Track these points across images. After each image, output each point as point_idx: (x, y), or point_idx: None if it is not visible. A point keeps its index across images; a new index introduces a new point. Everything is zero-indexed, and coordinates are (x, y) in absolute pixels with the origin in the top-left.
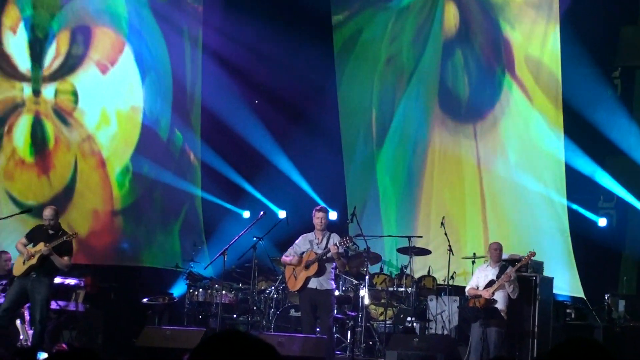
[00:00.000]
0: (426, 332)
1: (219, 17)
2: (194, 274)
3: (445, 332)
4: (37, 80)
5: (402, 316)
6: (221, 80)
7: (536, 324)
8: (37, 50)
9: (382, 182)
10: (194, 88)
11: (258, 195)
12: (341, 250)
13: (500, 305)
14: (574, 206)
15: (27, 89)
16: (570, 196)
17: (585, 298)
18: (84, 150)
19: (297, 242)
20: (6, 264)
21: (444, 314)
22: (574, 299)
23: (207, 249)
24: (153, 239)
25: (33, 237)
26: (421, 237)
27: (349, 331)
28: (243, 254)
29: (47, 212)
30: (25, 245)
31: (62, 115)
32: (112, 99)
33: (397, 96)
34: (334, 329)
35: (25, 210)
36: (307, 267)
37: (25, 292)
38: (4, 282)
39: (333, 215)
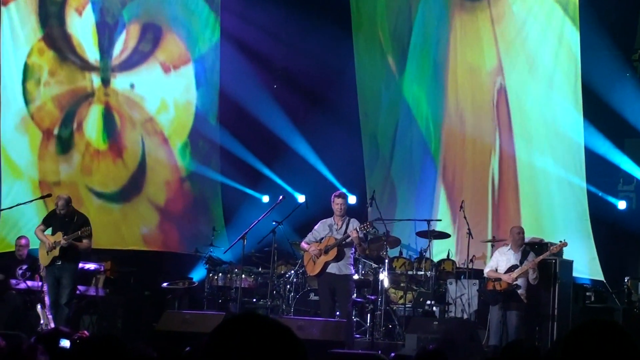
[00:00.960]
0: (445, 316)
1: (237, 1)
2: (214, 258)
3: (465, 316)
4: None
5: (421, 300)
6: (240, 65)
7: (556, 307)
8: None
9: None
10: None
11: (277, 180)
12: (361, 235)
13: (520, 288)
14: (593, 189)
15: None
16: (590, 179)
17: (604, 281)
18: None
19: (316, 227)
20: (21, 249)
21: (463, 297)
22: (594, 281)
23: (226, 233)
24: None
25: (49, 222)
26: (440, 220)
27: (369, 315)
28: (262, 238)
29: (59, 204)
30: (43, 231)
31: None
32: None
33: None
34: (354, 313)
35: (45, 196)
36: (326, 251)
37: (57, 279)
38: (25, 266)
39: (352, 199)
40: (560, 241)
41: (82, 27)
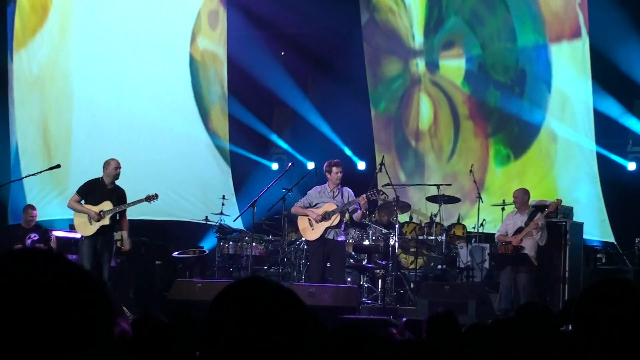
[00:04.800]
0: (457, 280)
1: None
2: (224, 226)
3: (476, 280)
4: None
5: (432, 264)
6: (246, 32)
7: (567, 269)
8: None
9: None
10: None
11: (286, 147)
12: (371, 199)
13: (529, 251)
14: (603, 151)
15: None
16: (599, 141)
17: (615, 242)
18: None
19: (310, 192)
20: (32, 219)
21: (474, 261)
22: (604, 243)
23: (236, 201)
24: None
25: (89, 193)
26: (450, 185)
27: (380, 280)
28: (272, 205)
29: (119, 172)
30: (78, 202)
31: None
32: None
33: None
34: (365, 278)
35: (54, 166)
36: (328, 217)
37: (96, 251)
38: (35, 236)
39: (362, 165)
40: (557, 199)
41: None
